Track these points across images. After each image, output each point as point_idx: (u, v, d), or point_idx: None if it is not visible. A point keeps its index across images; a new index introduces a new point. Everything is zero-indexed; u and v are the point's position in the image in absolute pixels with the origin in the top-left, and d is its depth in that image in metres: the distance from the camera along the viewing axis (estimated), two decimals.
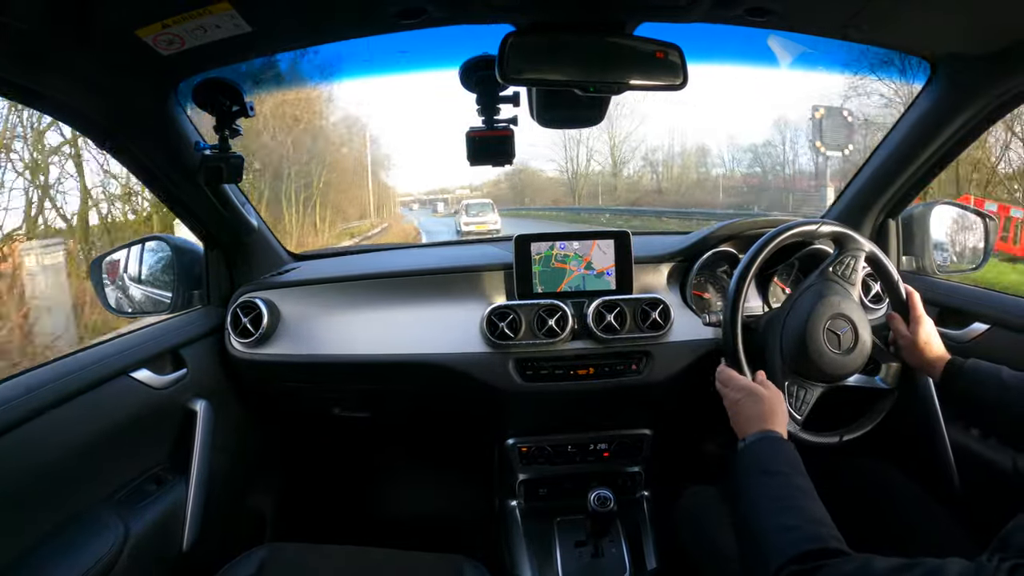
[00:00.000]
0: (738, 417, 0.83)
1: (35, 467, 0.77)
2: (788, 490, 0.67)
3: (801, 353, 0.94)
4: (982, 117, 1.01)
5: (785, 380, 0.95)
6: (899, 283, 0.99)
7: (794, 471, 0.70)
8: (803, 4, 0.82)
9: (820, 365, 0.93)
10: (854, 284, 0.99)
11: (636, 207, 18.08)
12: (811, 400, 0.95)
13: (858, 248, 0.99)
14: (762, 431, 0.77)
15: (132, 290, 1.20)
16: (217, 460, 1.07)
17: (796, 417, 0.94)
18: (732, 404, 0.85)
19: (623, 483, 1.33)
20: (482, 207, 14.80)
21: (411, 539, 1.06)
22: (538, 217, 19.30)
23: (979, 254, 1.24)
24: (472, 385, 1.14)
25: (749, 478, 0.71)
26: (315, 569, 0.95)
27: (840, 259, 0.99)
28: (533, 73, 0.79)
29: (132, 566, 0.85)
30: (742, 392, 0.85)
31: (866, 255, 0.99)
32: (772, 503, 0.66)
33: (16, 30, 0.64)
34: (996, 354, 1.01)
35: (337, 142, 15.76)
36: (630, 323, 1.14)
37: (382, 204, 24.81)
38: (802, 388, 0.95)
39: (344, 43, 0.92)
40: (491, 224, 13.51)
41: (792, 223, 1.02)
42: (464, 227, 13.49)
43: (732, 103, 16.07)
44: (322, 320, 1.19)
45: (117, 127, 0.91)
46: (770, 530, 0.63)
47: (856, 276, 0.99)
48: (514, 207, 22.56)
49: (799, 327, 0.94)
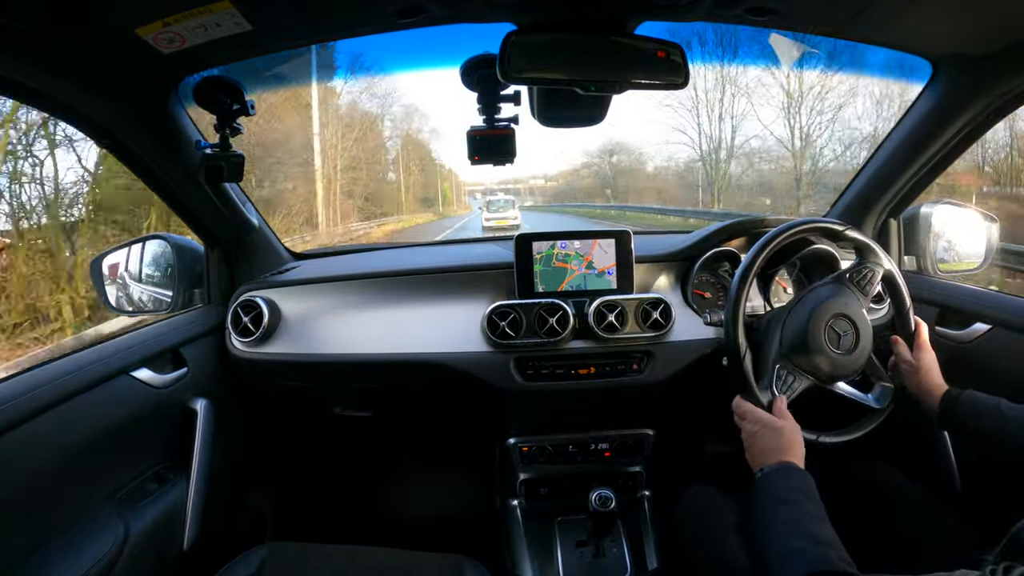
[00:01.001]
0: (753, 449, 0.83)
1: (36, 467, 0.77)
2: (799, 515, 0.68)
3: (799, 341, 0.94)
4: (983, 117, 1.01)
5: (777, 364, 0.95)
6: (910, 311, 0.99)
7: (807, 498, 0.70)
8: (804, 4, 0.82)
9: (815, 358, 0.93)
10: (867, 295, 0.99)
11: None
12: (796, 389, 0.94)
13: (879, 263, 0.99)
14: (779, 463, 0.77)
15: (133, 289, 1.20)
16: (217, 459, 1.07)
17: (775, 392, 0.93)
18: (749, 436, 0.85)
19: (624, 483, 1.33)
20: (503, 204, 16.00)
21: (412, 538, 1.06)
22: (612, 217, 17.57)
23: (980, 254, 1.24)
24: (473, 384, 1.14)
25: (764, 507, 0.72)
26: (315, 568, 0.95)
27: (860, 268, 0.99)
28: (534, 72, 0.79)
29: (132, 565, 0.85)
30: (758, 424, 0.84)
31: (885, 272, 0.99)
32: (783, 527, 0.67)
33: (16, 30, 0.64)
34: (997, 355, 1.01)
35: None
36: (631, 322, 1.14)
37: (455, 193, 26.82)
38: (791, 375, 0.95)
39: (344, 42, 0.92)
40: (511, 220, 14.42)
41: (793, 222, 1.02)
42: (485, 222, 14.53)
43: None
44: (323, 319, 1.19)
45: (117, 126, 0.91)
46: (780, 554, 0.64)
47: (871, 288, 0.99)
48: (576, 203, 22.06)
49: (803, 317, 0.95)
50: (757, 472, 0.78)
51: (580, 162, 25.62)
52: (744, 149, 16.05)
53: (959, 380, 0.94)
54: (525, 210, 20.40)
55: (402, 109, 22.68)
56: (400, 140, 20.60)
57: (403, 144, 20.83)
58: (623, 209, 18.33)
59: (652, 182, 20.16)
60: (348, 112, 16.06)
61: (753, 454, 0.83)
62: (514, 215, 15.03)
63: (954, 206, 1.28)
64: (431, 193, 25.32)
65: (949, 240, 1.25)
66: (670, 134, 21.11)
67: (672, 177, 19.19)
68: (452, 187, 29.21)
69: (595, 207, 20.88)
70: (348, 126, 15.57)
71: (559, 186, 29.35)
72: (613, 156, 22.53)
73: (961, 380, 0.94)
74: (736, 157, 16.09)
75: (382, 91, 17.48)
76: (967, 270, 1.25)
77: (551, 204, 26.83)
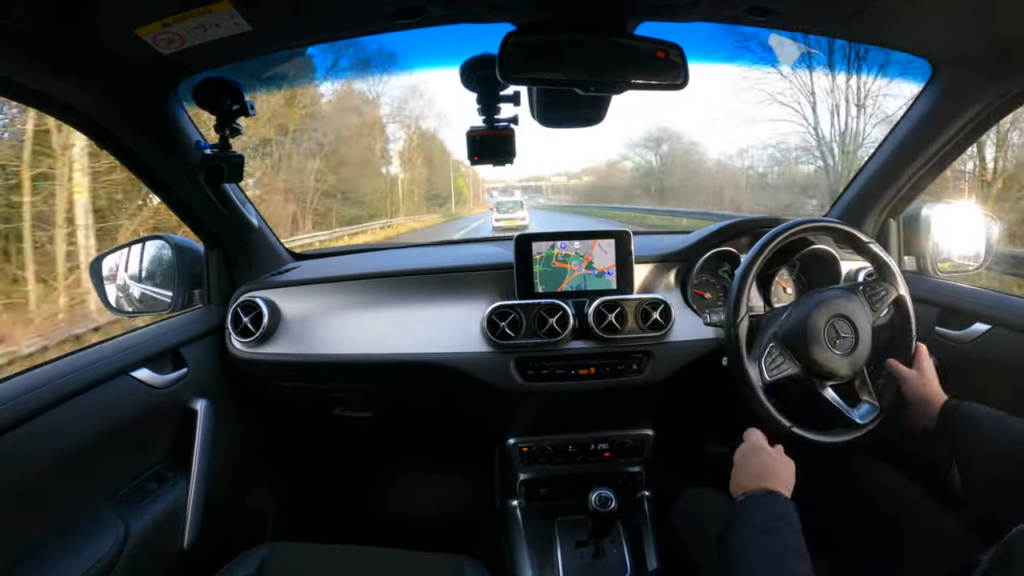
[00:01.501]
0: (739, 471, 0.81)
1: (35, 467, 0.77)
2: (778, 548, 0.66)
3: (799, 328, 0.94)
4: (983, 118, 1.01)
5: (771, 343, 0.96)
6: (915, 338, 0.99)
7: (788, 528, 0.69)
8: (804, 4, 0.82)
9: (810, 348, 0.93)
10: (876, 311, 0.99)
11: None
12: (783, 371, 0.95)
13: (895, 286, 1.00)
14: (763, 489, 0.75)
15: (132, 289, 1.20)
16: (217, 459, 1.07)
17: (762, 367, 0.95)
18: (739, 456, 0.84)
19: (624, 483, 1.33)
20: (512, 205, 17.05)
21: (412, 539, 1.06)
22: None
23: (980, 254, 1.24)
24: (473, 385, 1.14)
25: (741, 533, 0.70)
26: (316, 568, 0.95)
27: (875, 285, 1.00)
28: (533, 72, 0.79)
29: (133, 565, 0.85)
30: (751, 448, 0.83)
31: (898, 296, 0.99)
32: (762, 560, 0.65)
33: (16, 30, 0.64)
34: (997, 355, 1.01)
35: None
36: (631, 323, 1.14)
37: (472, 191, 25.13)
38: (782, 356, 0.95)
39: (343, 42, 0.92)
40: (519, 220, 15.40)
41: (796, 222, 1.02)
42: (495, 222, 15.46)
43: None
44: (323, 319, 1.19)
45: (117, 126, 0.91)
46: None
47: (881, 306, 0.99)
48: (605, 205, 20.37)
49: (807, 308, 0.95)
50: (740, 495, 0.76)
51: (618, 154, 22.65)
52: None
53: (959, 380, 0.93)
54: (549, 209, 20.61)
55: (402, 92, 18.54)
56: (401, 127, 18.07)
57: (408, 135, 18.41)
58: (681, 215, 14.40)
59: (710, 179, 16.91)
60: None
61: (738, 476, 0.81)
62: (522, 215, 16.15)
63: (954, 206, 1.28)
64: (442, 190, 22.47)
65: (949, 240, 1.24)
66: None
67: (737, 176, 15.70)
68: (469, 184, 26.33)
69: (635, 210, 17.72)
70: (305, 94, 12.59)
71: (588, 184, 27.00)
72: (663, 145, 19.58)
73: (961, 381, 0.94)
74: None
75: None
76: (967, 270, 1.25)
77: (580, 204, 24.73)
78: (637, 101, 4.87)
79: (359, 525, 1.62)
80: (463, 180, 25.36)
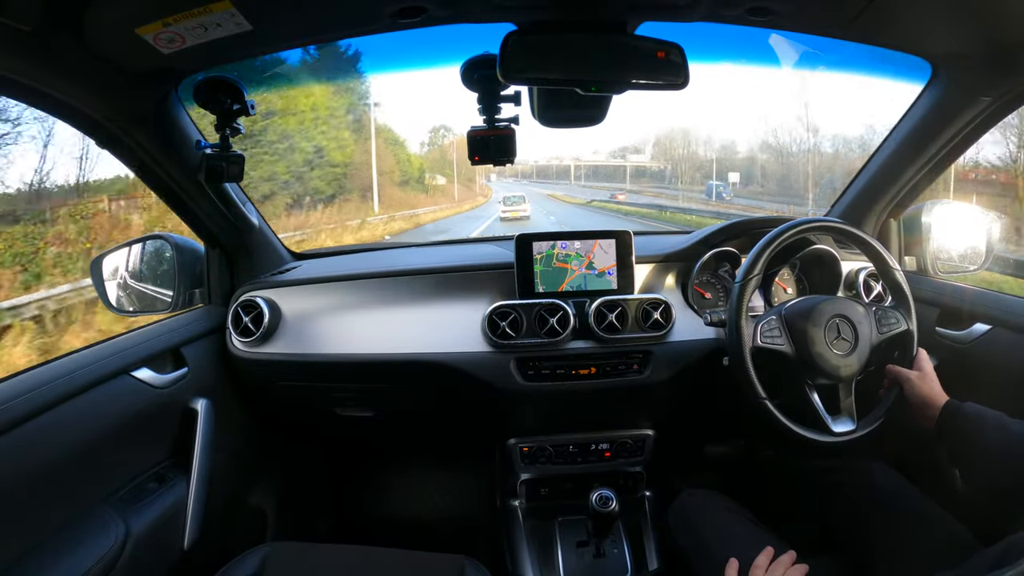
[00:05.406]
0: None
1: (36, 466, 0.77)
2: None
3: (804, 312, 0.96)
4: (983, 118, 1.01)
5: (772, 315, 0.97)
6: (916, 344, 1.00)
7: None
8: (804, 4, 0.82)
9: (808, 330, 0.94)
10: (882, 334, 0.99)
11: None
12: (776, 343, 0.96)
13: (908, 318, 1.00)
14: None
15: (133, 289, 1.20)
16: (218, 459, 1.07)
17: (757, 330, 0.96)
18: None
19: (625, 483, 1.33)
20: (516, 199, 19.35)
21: (412, 539, 1.06)
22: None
23: (981, 254, 1.23)
24: (473, 384, 1.14)
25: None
26: (316, 568, 0.95)
27: (888, 312, 1.00)
28: (534, 72, 0.79)
29: (133, 565, 0.85)
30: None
31: (907, 330, 1.00)
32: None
33: (16, 30, 0.64)
34: (997, 355, 1.01)
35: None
36: (631, 323, 1.14)
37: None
38: (779, 329, 0.97)
39: (344, 42, 0.92)
40: (522, 212, 17.98)
41: (798, 221, 1.02)
42: (502, 214, 17.87)
43: None
44: (323, 319, 1.19)
45: (118, 126, 0.91)
46: None
47: (888, 329, 0.99)
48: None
49: (817, 300, 0.97)
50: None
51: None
52: None
53: (959, 381, 0.93)
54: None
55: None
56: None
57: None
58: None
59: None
60: None
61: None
62: (524, 208, 18.38)
63: (954, 206, 1.28)
64: (415, 174, 20.71)
65: (949, 240, 1.24)
66: None
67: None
68: (452, 165, 23.76)
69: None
70: None
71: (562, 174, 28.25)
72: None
73: (961, 381, 0.94)
74: None
75: None
76: (968, 270, 1.25)
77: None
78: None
79: (359, 525, 1.61)
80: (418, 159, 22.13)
